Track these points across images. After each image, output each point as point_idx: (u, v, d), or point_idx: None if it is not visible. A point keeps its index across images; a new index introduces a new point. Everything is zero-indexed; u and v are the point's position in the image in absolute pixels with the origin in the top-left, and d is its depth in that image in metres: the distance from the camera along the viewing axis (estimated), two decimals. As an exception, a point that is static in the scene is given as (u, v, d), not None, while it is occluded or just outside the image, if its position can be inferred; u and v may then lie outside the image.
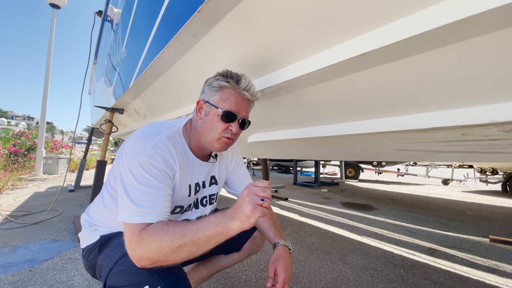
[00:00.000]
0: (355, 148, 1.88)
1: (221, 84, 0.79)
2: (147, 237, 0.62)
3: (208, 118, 0.80)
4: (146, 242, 0.61)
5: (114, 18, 2.40)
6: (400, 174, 7.74)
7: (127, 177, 0.68)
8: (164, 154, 0.73)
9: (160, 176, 0.71)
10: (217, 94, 0.80)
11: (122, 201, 0.67)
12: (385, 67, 0.83)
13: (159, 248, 0.60)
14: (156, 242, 0.61)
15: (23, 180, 5.08)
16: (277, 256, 0.85)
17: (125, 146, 0.74)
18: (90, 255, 0.85)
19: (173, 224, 0.65)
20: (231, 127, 0.79)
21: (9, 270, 1.53)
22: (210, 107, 0.80)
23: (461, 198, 4.87)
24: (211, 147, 0.82)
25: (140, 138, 0.74)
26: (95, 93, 4.50)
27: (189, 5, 0.87)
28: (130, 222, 0.64)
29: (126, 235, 0.65)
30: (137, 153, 0.70)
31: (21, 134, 7.21)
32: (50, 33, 6.52)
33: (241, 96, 0.81)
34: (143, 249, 0.61)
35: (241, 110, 0.81)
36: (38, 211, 2.85)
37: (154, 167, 0.70)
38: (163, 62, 1.29)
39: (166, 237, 0.61)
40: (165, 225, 0.64)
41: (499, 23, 0.58)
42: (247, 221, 0.62)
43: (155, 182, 0.69)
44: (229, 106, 0.78)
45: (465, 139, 1.04)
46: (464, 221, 3.13)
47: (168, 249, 0.60)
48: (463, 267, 1.80)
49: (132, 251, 0.62)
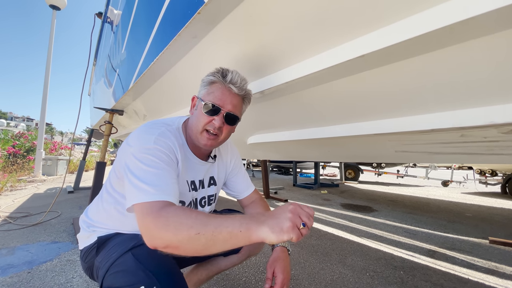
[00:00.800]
0: (355, 150, 1.88)
1: (210, 79, 0.82)
2: (167, 215, 0.58)
3: (196, 112, 0.83)
4: (164, 221, 0.57)
5: (114, 20, 2.40)
6: (399, 175, 7.74)
7: (135, 164, 0.67)
8: (168, 142, 0.75)
9: (167, 161, 0.71)
10: (206, 88, 0.82)
11: (133, 185, 0.65)
12: (384, 68, 0.84)
13: (177, 230, 0.56)
14: (175, 223, 0.56)
15: (22, 182, 5.06)
16: (276, 257, 0.84)
17: (128, 140, 0.75)
18: (88, 256, 0.84)
19: (196, 211, 0.61)
20: (214, 120, 0.79)
21: (7, 272, 1.52)
22: (199, 101, 0.82)
23: (460, 200, 4.87)
24: (198, 141, 0.82)
25: (144, 131, 0.76)
26: (94, 94, 4.50)
27: (189, 6, 0.87)
28: (146, 201, 0.61)
29: (140, 215, 0.60)
30: (143, 142, 0.71)
31: (20, 136, 7.21)
32: (50, 34, 6.53)
33: (227, 90, 0.81)
34: (159, 228, 0.57)
35: (226, 104, 0.80)
36: (37, 212, 2.84)
37: (161, 152, 0.71)
38: (163, 63, 1.29)
39: (187, 221, 0.57)
40: (187, 209, 0.61)
41: (496, 26, 0.58)
42: (278, 235, 0.55)
43: (164, 165, 0.69)
44: (212, 98, 0.79)
45: (464, 141, 1.05)
46: (464, 222, 3.13)
47: (185, 234, 0.55)
48: (463, 268, 1.79)
49: (147, 230, 0.58)
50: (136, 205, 0.62)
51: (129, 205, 0.64)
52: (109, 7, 2.64)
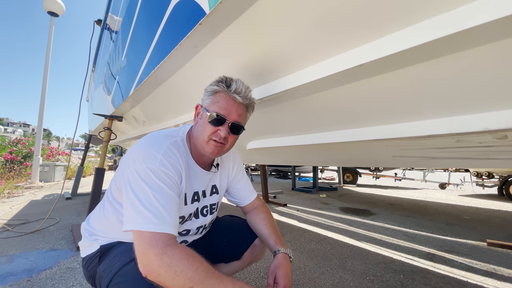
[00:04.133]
0: (354, 155, 1.90)
1: (214, 89, 0.82)
2: (172, 256, 0.60)
3: (201, 121, 0.82)
4: (168, 261, 0.59)
5: (114, 27, 2.43)
6: (397, 178, 7.78)
7: (138, 184, 0.67)
8: (173, 161, 0.74)
9: (170, 184, 0.71)
10: (210, 98, 0.82)
11: (133, 208, 0.65)
12: (382, 77, 0.86)
13: (176, 275, 0.59)
14: (176, 268, 0.59)
15: (19, 188, 5.02)
16: (277, 264, 0.84)
17: (132, 154, 0.74)
18: (90, 264, 0.85)
19: (198, 261, 0.63)
20: (220, 130, 0.79)
21: (7, 280, 1.51)
22: (203, 110, 0.82)
23: (458, 202, 4.90)
24: (203, 150, 0.82)
25: (148, 145, 0.74)
26: (93, 100, 4.50)
27: (190, 17, 0.90)
28: (149, 230, 0.62)
29: (142, 243, 0.62)
30: (147, 160, 0.70)
31: (17, 142, 7.16)
32: (48, 41, 6.55)
33: (231, 99, 0.80)
34: (160, 267, 0.59)
35: (231, 113, 0.80)
36: (35, 219, 2.82)
37: (165, 175, 0.70)
38: (164, 71, 1.31)
39: (188, 271, 0.59)
40: (191, 256, 0.62)
41: (489, 37, 0.61)
42: None
43: (168, 190, 0.69)
44: (217, 109, 0.79)
45: (460, 146, 1.07)
46: (462, 225, 3.15)
47: (181, 283, 0.58)
48: (462, 271, 1.81)
49: (147, 261, 0.60)
50: (137, 232, 0.63)
51: (128, 228, 0.64)
52: (109, 14, 2.67)
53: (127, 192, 0.68)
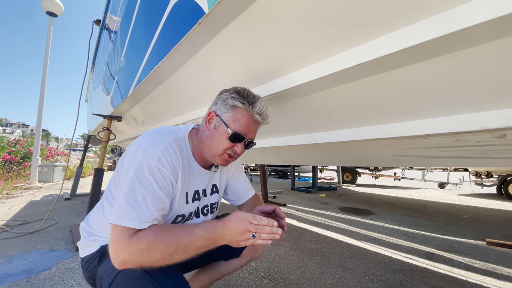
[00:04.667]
0: (353, 154, 1.90)
1: (236, 104, 0.80)
2: (138, 243, 0.62)
3: (216, 133, 0.81)
4: (135, 248, 0.62)
5: (113, 27, 2.42)
6: (396, 178, 7.79)
7: (130, 177, 0.68)
8: (171, 159, 0.74)
9: (164, 184, 0.71)
10: (230, 112, 0.80)
11: (119, 200, 0.67)
12: (381, 76, 0.86)
13: (150, 255, 0.62)
14: (148, 249, 0.62)
15: (18, 189, 5.01)
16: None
17: (134, 147, 0.74)
18: (90, 265, 0.84)
19: (166, 231, 0.65)
20: (237, 147, 0.82)
21: (5, 281, 1.51)
22: (221, 123, 0.80)
23: (457, 202, 4.91)
24: (213, 160, 0.84)
25: (150, 140, 0.75)
26: (92, 100, 4.49)
27: (189, 17, 0.89)
28: (121, 224, 0.64)
29: (112, 237, 0.64)
30: (147, 155, 0.71)
31: (16, 142, 7.14)
32: (47, 41, 6.53)
33: (252, 119, 0.81)
34: (131, 255, 0.61)
35: (250, 132, 0.82)
36: (34, 220, 2.82)
37: (160, 172, 0.71)
38: (163, 71, 1.31)
39: (160, 246, 0.62)
40: (157, 232, 0.65)
41: (487, 36, 0.61)
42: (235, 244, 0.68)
43: (157, 189, 0.69)
44: (239, 127, 0.79)
45: (459, 145, 1.07)
46: (461, 224, 3.16)
47: (160, 257, 0.62)
48: (461, 270, 1.81)
49: (117, 255, 0.62)
50: (112, 225, 0.66)
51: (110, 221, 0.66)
52: (108, 14, 2.66)
53: (121, 184, 0.70)
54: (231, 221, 0.68)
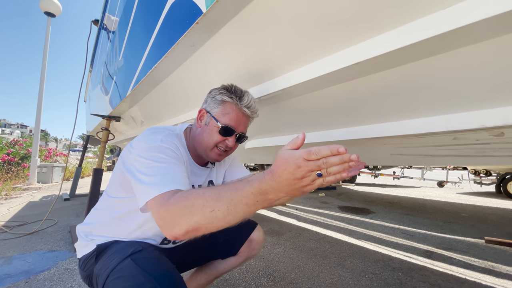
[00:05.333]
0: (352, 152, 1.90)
1: (224, 99, 0.83)
2: (176, 201, 0.58)
3: (207, 128, 0.84)
4: (175, 207, 0.57)
5: (111, 27, 2.42)
6: (396, 177, 7.81)
7: (142, 163, 0.68)
8: (175, 143, 0.77)
9: (175, 156, 0.72)
10: (219, 107, 0.83)
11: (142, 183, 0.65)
12: (378, 75, 0.86)
13: (190, 212, 0.55)
14: (186, 206, 0.56)
15: (17, 190, 5.00)
16: None
17: (133, 144, 0.75)
18: (86, 264, 0.84)
19: (203, 189, 0.59)
20: (228, 140, 0.83)
21: (4, 282, 1.50)
22: (211, 118, 0.83)
23: (456, 200, 4.92)
24: (206, 156, 0.86)
25: (148, 134, 0.77)
26: (90, 100, 4.48)
27: (187, 16, 0.89)
28: (154, 195, 0.61)
29: (154, 210, 0.60)
30: (149, 142, 0.72)
31: (14, 143, 7.13)
32: (45, 41, 6.51)
33: (241, 112, 0.84)
34: (174, 215, 0.56)
35: (240, 125, 0.84)
36: (33, 221, 2.81)
37: (168, 149, 0.72)
38: (161, 71, 1.31)
39: (198, 201, 0.56)
40: (195, 189, 0.61)
41: (484, 34, 0.61)
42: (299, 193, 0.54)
43: (172, 160, 0.70)
44: (228, 121, 0.82)
45: (457, 143, 1.07)
46: (460, 222, 3.17)
47: (200, 215, 0.54)
48: (460, 268, 1.82)
49: (163, 222, 0.58)
50: (149, 202, 0.61)
51: (142, 204, 0.63)
52: (106, 14, 2.66)
53: (134, 176, 0.67)
54: (280, 168, 0.52)
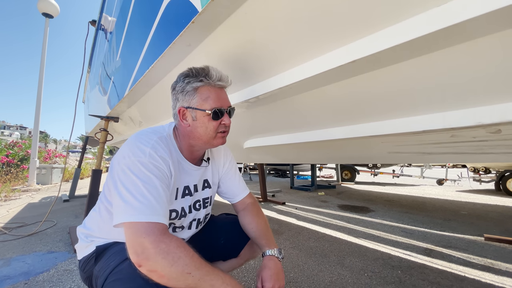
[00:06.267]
0: (349, 152, 1.90)
1: (195, 86, 0.79)
2: (170, 243, 0.60)
3: (198, 122, 0.80)
4: (165, 247, 0.59)
5: (108, 27, 2.41)
6: (395, 175, 7.81)
7: (128, 177, 0.67)
8: (162, 154, 0.74)
9: (160, 176, 0.71)
10: (195, 96, 0.79)
11: (123, 200, 0.65)
12: (375, 73, 0.86)
13: (174, 261, 0.59)
14: (174, 254, 0.59)
15: (16, 191, 4.99)
16: (262, 266, 0.85)
17: (121, 151, 0.74)
18: (86, 266, 0.84)
19: (192, 250, 0.64)
20: (223, 121, 0.82)
21: (4, 283, 1.50)
22: (195, 111, 0.79)
23: (455, 198, 4.93)
24: (211, 145, 0.85)
25: (136, 142, 0.74)
26: (89, 101, 4.48)
27: (183, 16, 0.89)
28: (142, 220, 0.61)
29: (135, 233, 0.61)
30: (136, 154, 0.70)
31: (14, 145, 7.12)
32: (43, 42, 6.50)
33: (218, 88, 0.82)
34: (158, 253, 0.58)
35: (224, 101, 0.83)
36: (32, 222, 2.81)
37: (154, 166, 0.70)
38: (158, 70, 1.31)
39: (186, 258, 0.60)
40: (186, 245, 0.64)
41: (480, 31, 0.61)
42: None
43: (157, 182, 0.69)
44: (213, 103, 0.79)
45: (454, 141, 1.07)
46: (459, 220, 3.17)
47: (180, 269, 0.59)
48: (459, 266, 1.82)
49: (143, 250, 0.59)
50: (129, 223, 0.62)
51: (119, 221, 0.63)
52: (103, 14, 2.65)
53: (117, 187, 0.68)
54: None
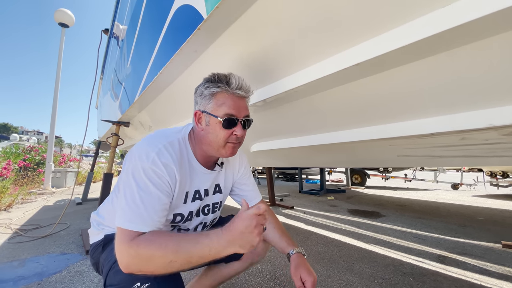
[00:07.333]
0: (357, 155, 1.88)
1: (213, 91, 0.77)
2: (137, 248, 0.62)
3: (210, 128, 0.78)
4: (134, 252, 0.62)
5: (120, 35, 2.49)
6: (407, 179, 7.61)
7: (129, 181, 0.70)
8: (167, 161, 0.74)
9: (160, 184, 0.72)
10: (211, 101, 0.77)
11: (120, 204, 0.70)
12: (382, 75, 0.85)
13: (149, 260, 0.62)
14: (146, 254, 0.62)
15: (32, 194, 5.16)
16: (297, 264, 0.86)
17: (132, 151, 0.76)
18: (94, 252, 0.90)
19: (166, 237, 0.65)
20: (235, 131, 0.78)
21: (18, 283, 1.55)
22: (209, 116, 0.78)
23: (471, 203, 4.76)
24: (220, 154, 0.82)
25: (146, 144, 0.76)
26: (101, 107, 4.61)
27: (189, 23, 0.91)
28: (122, 227, 0.66)
29: (116, 240, 0.66)
30: (141, 158, 0.72)
31: (31, 149, 7.38)
32: (59, 52, 6.75)
33: (236, 97, 0.78)
34: (132, 258, 0.62)
35: (240, 110, 0.79)
36: (46, 224, 2.89)
37: (155, 174, 0.71)
38: (166, 76, 1.34)
39: (159, 251, 0.62)
40: (157, 237, 0.65)
41: (488, 31, 0.60)
42: (250, 249, 0.64)
43: (154, 189, 0.70)
44: (227, 110, 0.76)
45: (465, 144, 1.04)
46: (475, 226, 3.06)
47: (160, 263, 0.62)
48: (475, 274, 1.75)
49: (121, 258, 0.64)
50: (117, 228, 0.67)
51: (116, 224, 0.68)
52: (115, 23, 2.74)
53: (120, 188, 0.73)
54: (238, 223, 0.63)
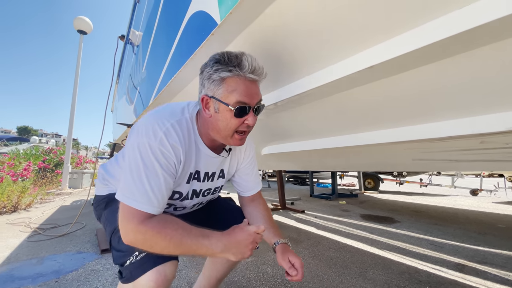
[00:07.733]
0: (371, 159, 1.84)
1: (223, 76, 0.69)
2: (145, 233, 0.65)
3: (219, 115, 0.72)
4: (142, 236, 0.65)
5: (135, 41, 2.57)
6: (423, 184, 7.38)
7: (135, 157, 0.68)
8: (174, 142, 0.72)
9: (166, 165, 0.71)
10: (221, 87, 0.70)
11: (125, 179, 0.68)
12: (397, 77, 0.84)
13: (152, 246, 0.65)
14: (151, 241, 0.65)
15: (50, 194, 5.35)
16: (283, 251, 0.88)
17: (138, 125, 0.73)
18: (98, 206, 0.94)
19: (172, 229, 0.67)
20: (247, 120, 0.73)
21: (37, 280, 1.61)
22: (219, 103, 0.71)
23: (492, 210, 4.55)
24: (227, 143, 0.79)
25: (153, 120, 0.72)
26: (117, 110, 4.76)
27: (203, 28, 0.94)
28: (127, 204, 0.66)
29: (122, 215, 0.66)
30: (148, 135, 0.69)
31: (49, 151, 7.68)
32: (78, 57, 7.02)
33: (248, 81, 0.71)
34: (137, 240, 0.65)
35: (253, 97, 0.72)
36: (64, 224, 2.99)
37: (162, 154, 0.69)
38: (180, 81, 1.37)
39: (163, 242, 0.65)
40: (163, 227, 0.66)
41: (507, 31, 0.58)
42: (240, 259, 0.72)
43: (160, 170, 0.69)
44: (239, 97, 0.69)
45: (484, 147, 1.01)
46: (496, 234, 2.92)
47: (160, 250, 0.66)
48: (496, 284, 1.67)
49: (125, 235, 0.66)
50: (121, 204, 0.68)
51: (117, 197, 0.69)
52: (131, 29, 2.84)
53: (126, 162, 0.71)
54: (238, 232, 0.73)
